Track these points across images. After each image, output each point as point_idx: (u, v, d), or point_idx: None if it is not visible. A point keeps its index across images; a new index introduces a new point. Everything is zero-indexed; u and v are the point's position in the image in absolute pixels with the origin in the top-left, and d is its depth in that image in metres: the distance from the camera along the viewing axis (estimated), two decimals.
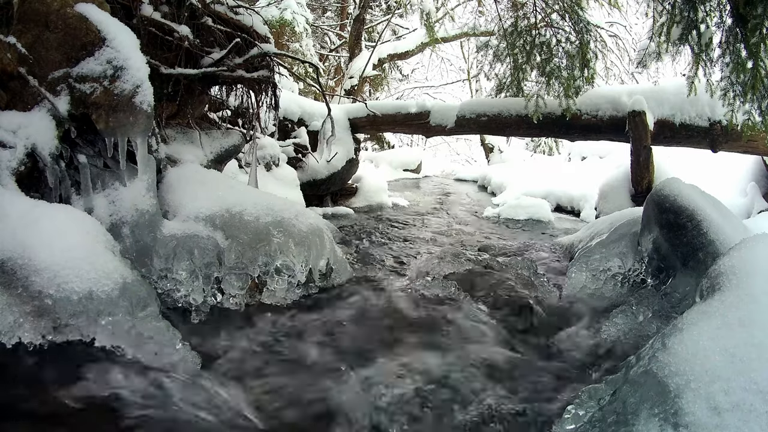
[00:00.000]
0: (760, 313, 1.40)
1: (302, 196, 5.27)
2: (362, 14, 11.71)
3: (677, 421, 1.16)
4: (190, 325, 2.28)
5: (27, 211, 1.98)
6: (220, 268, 2.49)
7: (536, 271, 3.34)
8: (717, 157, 5.45)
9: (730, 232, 2.43)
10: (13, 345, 1.74)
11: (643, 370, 1.38)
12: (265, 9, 8.01)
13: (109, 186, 2.41)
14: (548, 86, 4.77)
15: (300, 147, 6.03)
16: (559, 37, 4.63)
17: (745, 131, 3.46)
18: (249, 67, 3.28)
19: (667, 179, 2.82)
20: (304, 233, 2.68)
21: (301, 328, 2.39)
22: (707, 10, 3.02)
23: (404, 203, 7.28)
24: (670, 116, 5.02)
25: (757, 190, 5.40)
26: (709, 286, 1.68)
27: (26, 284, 1.80)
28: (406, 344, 2.28)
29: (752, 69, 2.83)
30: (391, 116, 6.55)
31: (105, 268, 1.97)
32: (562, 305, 2.84)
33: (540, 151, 15.85)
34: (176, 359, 1.92)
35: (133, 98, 2.32)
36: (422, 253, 3.96)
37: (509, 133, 6.56)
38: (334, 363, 2.11)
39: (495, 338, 2.42)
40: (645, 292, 2.68)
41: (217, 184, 2.80)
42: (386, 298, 2.75)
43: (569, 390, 1.96)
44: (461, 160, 23.03)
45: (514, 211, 6.41)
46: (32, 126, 2.21)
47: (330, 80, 13.52)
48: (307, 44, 10.35)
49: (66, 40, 2.30)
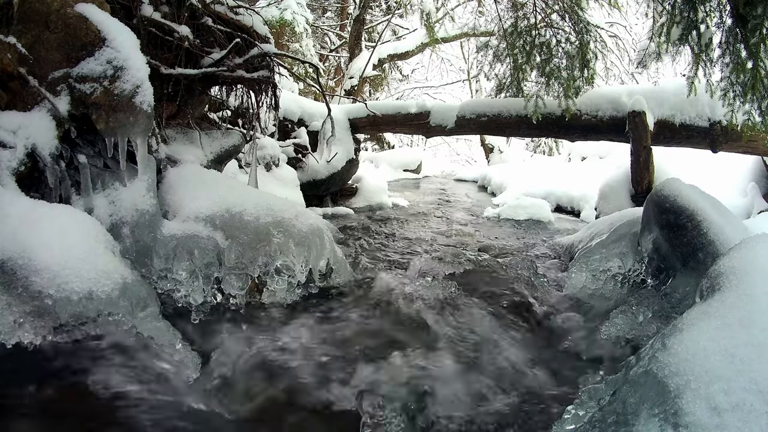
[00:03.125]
0: (760, 314, 1.40)
1: (302, 197, 5.27)
2: (362, 14, 11.72)
3: (677, 422, 1.16)
4: (190, 326, 2.28)
5: (27, 211, 1.97)
6: (220, 268, 2.49)
7: (536, 272, 3.34)
8: (717, 158, 5.45)
9: (730, 233, 2.43)
10: (13, 345, 1.74)
11: (643, 370, 1.38)
12: (265, 9, 8.02)
13: (109, 186, 2.41)
14: (548, 86, 4.77)
15: (300, 147, 6.03)
16: (559, 38, 4.63)
17: (745, 131, 3.46)
18: (249, 67, 3.28)
19: (667, 179, 2.82)
20: (304, 233, 2.68)
21: (301, 328, 2.39)
22: (707, 11, 3.01)
23: (404, 203, 7.28)
24: (670, 116, 5.02)
25: (757, 190, 5.40)
26: (709, 286, 1.68)
27: (26, 284, 1.80)
28: (406, 344, 2.28)
29: (752, 69, 2.83)
30: (391, 116, 6.55)
31: (105, 268, 1.97)
32: (562, 305, 2.84)
33: (540, 151, 15.88)
34: (176, 359, 1.92)
35: (133, 98, 2.32)
36: (422, 254, 3.96)
37: (509, 134, 6.57)
38: (334, 363, 2.11)
39: (495, 338, 2.42)
40: (645, 293, 2.68)
41: (217, 184, 2.80)
42: (386, 298, 2.75)
43: (569, 390, 1.96)
44: (461, 160, 23.05)
45: (514, 212, 6.40)
46: (32, 126, 2.21)
47: (330, 80, 13.53)
48: (307, 44, 10.35)
49: (66, 40, 2.30)
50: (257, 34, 3.44)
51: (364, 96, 12.29)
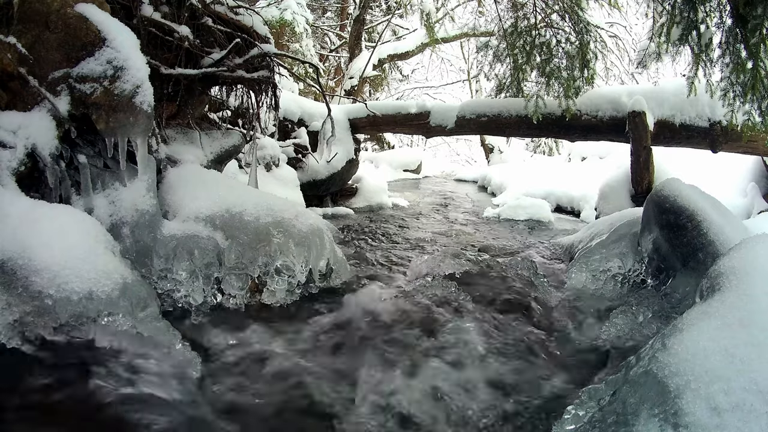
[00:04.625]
0: (760, 314, 1.40)
1: (302, 197, 5.27)
2: (362, 15, 11.72)
3: (677, 422, 1.16)
4: (190, 326, 2.28)
5: (27, 212, 1.98)
6: (220, 268, 2.49)
7: (536, 272, 3.34)
8: (717, 158, 5.45)
9: (730, 233, 2.43)
10: (13, 345, 1.74)
11: (643, 370, 1.38)
12: (265, 9, 8.02)
13: (109, 186, 2.41)
14: (548, 87, 4.77)
15: (300, 147, 6.03)
16: (559, 38, 4.63)
17: (745, 132, 3.46)
18: (249, 67, 3.28)
19: (667, 180, 2.82)
20: (304, 233, 2.68)
21: (300, 328, 2.39)
22: (707, 11, 3.01)
23: (404, 203, 7.27)
24: (670, 117, 5.02)
25: (757, 190, 5.40)
26: (709, 286, 1.68)
27: (26, 284, 1.80)
28: (405, 345, 2.28)
29: (752, 69, 2.83)
30: (391, 117, 6.55)
31: (105, 268, 1.97)
32: (562, 306, 2.84)
33: (540, 151, 15.88)
34: (176, 359, 1.92)
35: (133, 98, 2.32)
36: (422, 254, 3.96)
37: (509, 134, 6.56)
38: (334, 363, 2.11)
39: (495, 339, 2.42)
40: (645, 293, 2.68)
41: (217, 184, 2.80)
42: (386, 298, 2.75)
43: (569, 390, 1.96)
44: (461, 160, 23.05)
45: (514, 212, 6.40)
46: (32, 126, 2.21)
47: (330, 81, 13.53)
48: (307, 44, 10.35)
49: (66, 40, 2.30)
50: (257, 34, 3.44)
51: (364, 96, 12.29)
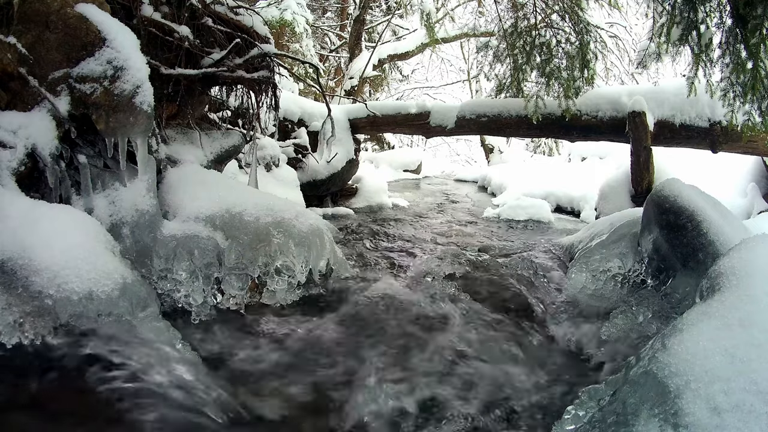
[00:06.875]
0: (760, 314, 1.40)
1: (302, 197, 5.27)
2: (362, 15, 11.71)
3: (677, 422, 1.16)
4: (190, 326, 2.28)
5: (27, 212, 1.98)
6: (220, 268, 2.49)
7: (536, 272, 3.34)
8: (717, 158, 5.45)
9: (730, 233, 2.43)
10: (13, 345, 1.74)
11: (643, 370, 1.38)
12: (265, 9, 8.02)
13: (109, 186, 2.41)
14: (548, 87, 4.77)
15: (300, 147, 6.03)
16: (559, 38, 4.63)
17: (745, 132, 3.46)
18: (249, 67, 3.28)
19: (667, 180, 2.82)
20: (304, 234, 2.68)
21: (301, 328, 2.39)
22: (707, 11, 3.01)
23: (404, 204, 7.27)
24: (670, 117, 5.02)
25: (757, 190, 5.40)
26: (709, 286, 1.68)
27: (26, 284, 1.80)
28: (405, 345, 2.28)
29: (752, 69, 2.83)
30: (391, 117, 6.55)
31: (105, 268, 1.97)
32: (562, 306, 2.84)
33: (540, 151, 15.87)
34: (176, 360, 1.92)
35: (133, 98, 2.32)
36: (422, 254, 3.96)
37: (509, 134, 6.57)
38: (334, 363, 2.11)
39: (495, 339, 2.42)
40: (645, 293, 2.68)
41: (217, 184, 2.80)
42: (386, 298, 2.75)
43: (569, 390, 1.96)
44: (461, 160, 23.02)
45: (514, 212, 6.40)
46: (32, 126, 2.21)
47: (330, 81, 13.52)
48: (307, 45, 10.35)
49: (66, 41, 2.30)
50: (257, 35, 3.44)
51: (364, 96, 12.28)
